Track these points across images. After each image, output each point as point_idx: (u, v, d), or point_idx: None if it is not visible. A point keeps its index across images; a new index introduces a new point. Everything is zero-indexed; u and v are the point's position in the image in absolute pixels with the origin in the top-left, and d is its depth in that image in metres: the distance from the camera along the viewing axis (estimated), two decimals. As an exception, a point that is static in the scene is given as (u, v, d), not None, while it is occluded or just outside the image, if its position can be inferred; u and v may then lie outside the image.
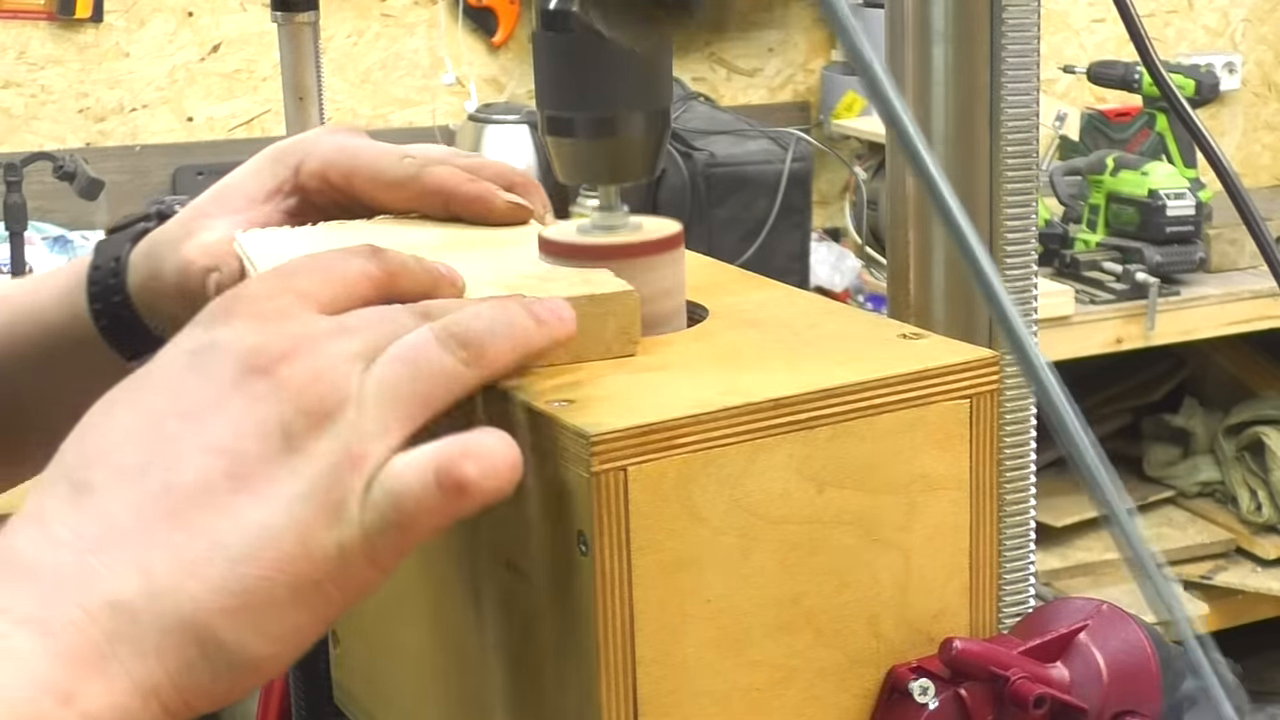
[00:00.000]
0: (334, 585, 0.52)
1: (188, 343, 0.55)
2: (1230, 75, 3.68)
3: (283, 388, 0.53)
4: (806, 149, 2.72)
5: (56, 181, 2.61)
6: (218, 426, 0.52)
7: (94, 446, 0.53)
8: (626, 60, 0.64)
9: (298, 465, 0.52)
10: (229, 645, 0.50)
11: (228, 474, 0.51)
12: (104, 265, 0.82)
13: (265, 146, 0.83)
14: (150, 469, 0.52)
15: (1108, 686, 0.61)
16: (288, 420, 0.52)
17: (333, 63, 3.05)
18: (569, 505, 0.56)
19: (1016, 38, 0.70)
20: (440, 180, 0.76)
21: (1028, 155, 0.71)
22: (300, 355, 0.53)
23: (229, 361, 0.53)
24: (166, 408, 0.53)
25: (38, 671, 0.48)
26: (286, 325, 0.54)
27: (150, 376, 0.55)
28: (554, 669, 0.59)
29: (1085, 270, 2.94)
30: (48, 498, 0.52)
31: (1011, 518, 0.70)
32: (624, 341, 0.62)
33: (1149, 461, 3.37)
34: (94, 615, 0.49)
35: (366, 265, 0.58)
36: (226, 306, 0.56)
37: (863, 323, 0.67)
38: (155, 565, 0.50)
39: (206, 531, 0.51)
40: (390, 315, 0.56)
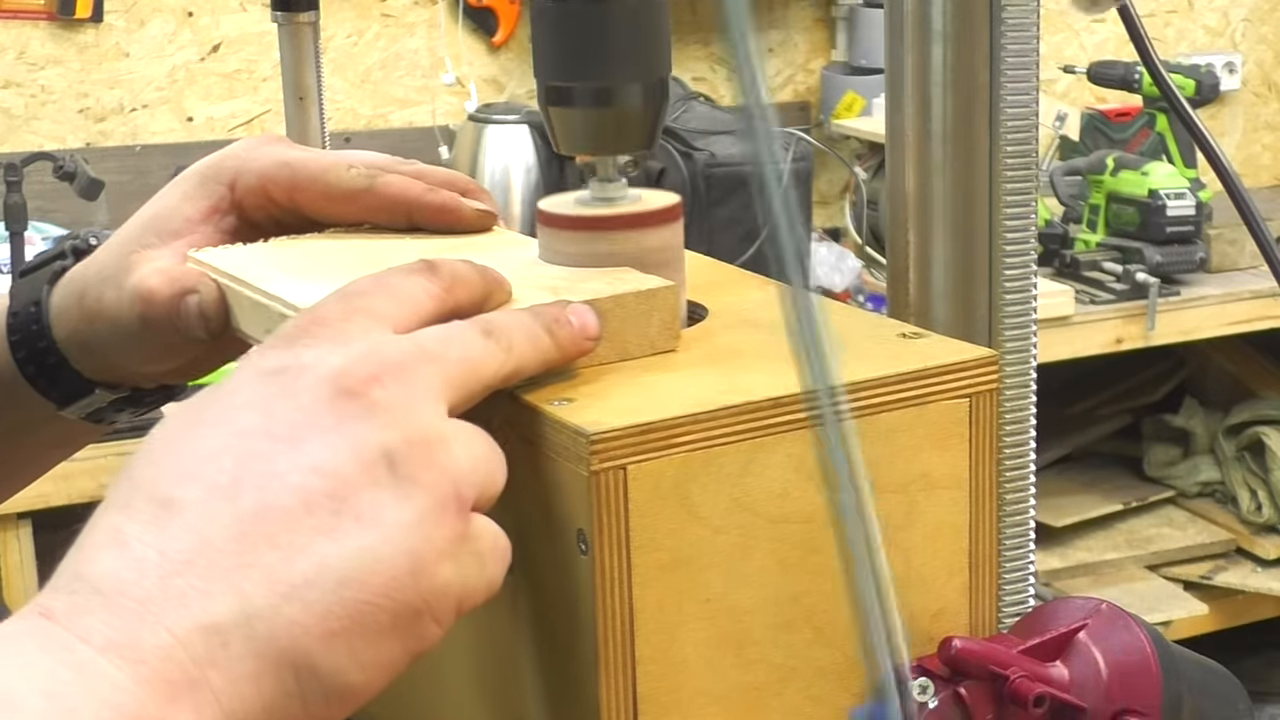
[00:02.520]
0: (433, 618, 0.51)
1: (266, 363, 0.53)
2: (1230, 75, 3.68)
3: (378, 411, 0.52)
4: (806, 149, 2.72)
5: (56, 181, 2.61)
6: (315, 447, 0.51)
7: (177, 464, 0.51)
8: (625, 30, 0.65)
9: (407, 492, 0.51)
10: (324, 672, 0.49)
11: (330, 495, 0.50)
12: (23, 311, 0.78)
13: None
14: (243, 487, 0.50)
15: (1107, 686, 0.62)
16: (390, 446, 0.51)
17: (333, 63, 3.05)
18: (568, 504, 0.56)
19: (1016, 37, 0.70)
20: (399, 191, 0.73)
21: (1027, 155, 0.71)
22: (389, 379, 0.52)
23: (318, 383, 0.52)
24: (256, 426, 0.51)
25: (123, 701, 0.46)
26: (369, 346, 0.53)
27: (232, 395, 0.53)
28: (553, 668, 0.59)
29: (1085, 270, 2.94)
30: (127, 518, 0.50)
31: (1011, 517, 0.70)
32: (667, 336, 0.62)
33: (1149, 461, 3.37)
34: (184, 640, 0.47)
35: (428, 282, 0.58)
36: (303, 328, 0.54)
37: (862, 322, 0.67)
38: (251, 587, 0.48)
39: (308, 554, 0.49)
40: (463, 339, 0.55)
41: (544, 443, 0.57)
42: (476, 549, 0.52)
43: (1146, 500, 3.31)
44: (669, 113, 0.68)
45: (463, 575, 0.52)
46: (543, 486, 0.57)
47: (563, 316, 0.59)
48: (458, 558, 0.51)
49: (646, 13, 0.65)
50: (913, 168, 0.72)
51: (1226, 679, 0.69)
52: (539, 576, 0.59)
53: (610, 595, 0.55)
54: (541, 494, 0.57)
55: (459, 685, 0.66)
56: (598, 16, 0.64)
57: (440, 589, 0.51)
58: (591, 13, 0.64)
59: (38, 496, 2.15)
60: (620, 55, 0.65)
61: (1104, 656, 0.62)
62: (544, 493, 0.57)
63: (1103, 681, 0.62)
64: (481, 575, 0.53)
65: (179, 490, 0.50)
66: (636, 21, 0.65)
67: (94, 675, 0.46)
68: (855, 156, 3.09)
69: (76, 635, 0.47)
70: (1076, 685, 0.61)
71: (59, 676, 0.46)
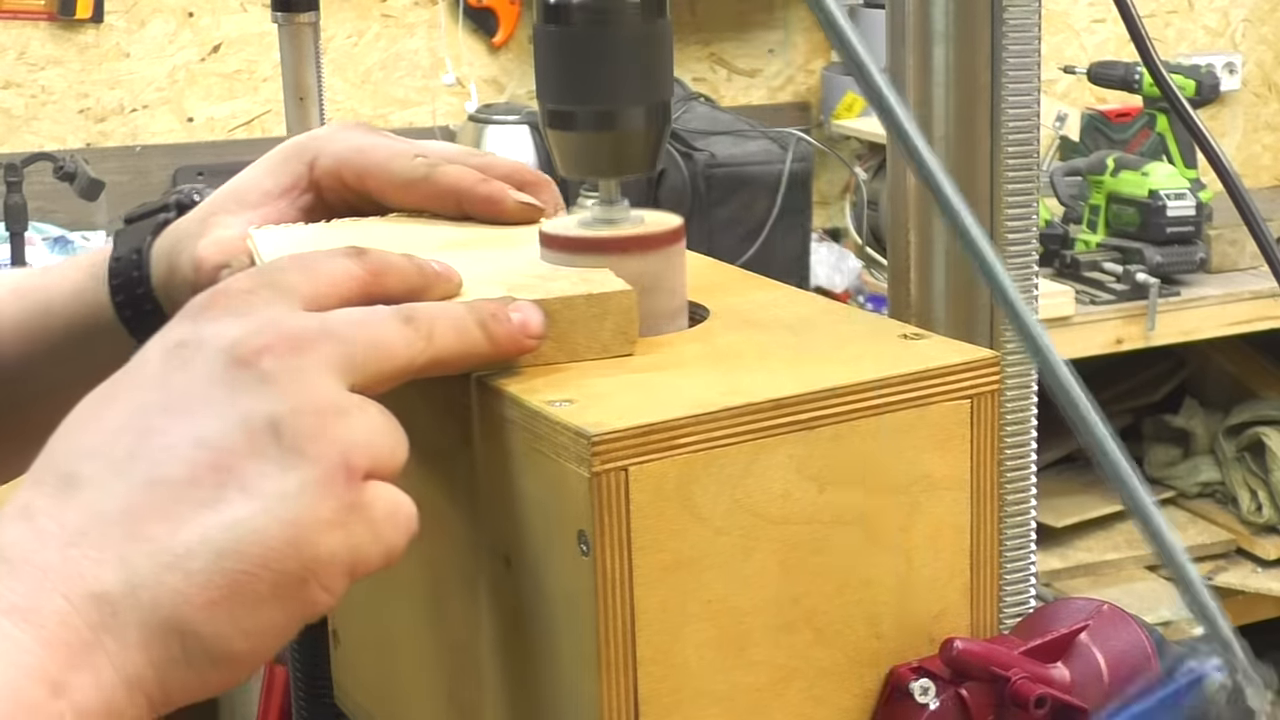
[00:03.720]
0: (320, 586, 0.52)
1: (171, 337, 0.55)
2: (1230, 75, 3.68)
3: (268, 382, 0.53)
4: (807, 149, 2.72)
5: (57, 182, 2.61)
6: (204, 420, 0.52)
7: (81, 441, 0.53)
8: (627, 53, 0.64)
9: (291, 463, 0.52)
10: (207, 639, 0.50)
11: (214, 467, 0.51)
12: (125, 257, 0.82)
13: (266, 147, 0.82)
14: (136, 462, 0.52)
15: (1108, 687, 0.61)
16: (278, 416, 0.52)
17: (333, 63, 3.05)
18: (569, 505, 0.56)
19: (1017, 38, 0.70)
20: (452, 180, 0.76)
21: (1028, 156, 0.71)
22: (284, 350, 0.53)
23: (213, 355, 0.53)
24: (152, 401, 0.53)
25: (28, 661, 0.48)
26: (268, 318, 0.54)
27: (135, 372, 0.55)
28: (554, 669, 0.59)
29: (1086, 271, 2.94)
30: (35, 493, 0.52)
31: (1012, 518, 0.70)
32: (621, 341, 0.62)
33: (1149, 462, 3.37)
34: (78, 606, 0.49)
35: (350, 264, 0.59)
36: (208, 301, 0.56)
37: (863, 323, 0.67)
38: (136, 558, 0.50)
39: (191, 525, 0.51)
40: (375, 323, 0.56)
41: (545, 444, 0.57)
42: (369, 516, 0.53)
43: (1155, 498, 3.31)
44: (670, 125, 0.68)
45: (352, 543, 0.52)
46: (544, 488, 0.57)
47: (501, 312, 0.59)
48: (346, 526, 0.52)
49: (648, 36, 0.65)
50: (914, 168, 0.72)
51: (1227, 680, 0.69)
52: (540, 578, 0.58)
53: (611, 596, 0.55)
54: (543, 495, 0.57)
55: (459, 686, 0.66)
56: (599, 40, 0.64)
57: (325, 558, 0.52)
58: (593, 37, 0.64)
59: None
60: (622, 79, 0.65)
61: (1105, 657, 0.62)
62: (545, 494, 0.57)
63: (1104, 682, 0.62)
64: (376, 543, 0.53)
65: (81, 466, 0.52)
66: (638, 45, 0.65)
67: (2, 637, 0.48)
68: (855, 157, 3.09)
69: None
70: (1078, 686, 0.61)
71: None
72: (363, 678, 0.76)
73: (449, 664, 0.67)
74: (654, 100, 0.66)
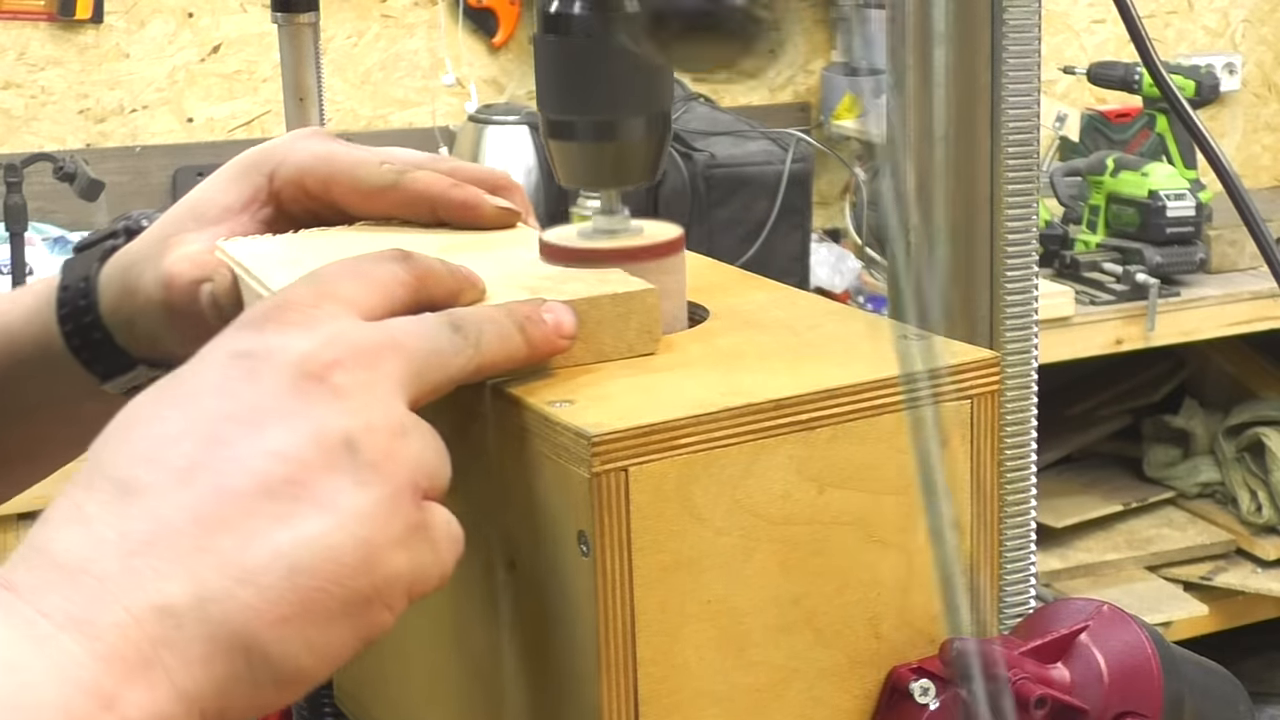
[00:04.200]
0: (384, 605, 0.51)
1: (233, 346, 0.54)
2: (1230, 76, 3.68)
3: (341, 396, 0.52)
4: (807, 150, 2.72)
5: (56, 182, 2.61)
6: (275, 432, 0.51)
7: (140, 446, 0.51)
8: (627, 64, 0.64)
9: (366, 479, 0.51)
10: (275, 657, 0.49)
11: (287, 480, 0.50)
12: (73, 285, 0.80)
13: None
14: (201, 471, 0.50)
15: (1108, 687, 0.62)
16: (352, 433, 0.51)
17: (333, 63, 3.05)
18: (570, 506, 0.56)
19: (1017, 39, 0.70)
20: (425, 186, 0.75)
21: (1028, 156, 0.71)
22: (354, 364, 0.52)
23: (281, 367, 0.52)
24: (219, 410, 0.51)
25: (81, 675, 0.46)
26: (335, 331, 0.53)
27: (196, 378, 0.53)
28: (554, 669, 0.59)
29: (1085, 271, 2.94)
30: (89, 497, 0.50)
31: (1012, 518, 0.70)
32: (646, 340, 0.62)
33: (1149, 462, 3.37)
34: (139, 619, 0.48)
35: (400, 270, 0.58)
36: (271, 312, 0.54)
37: (863, 323, 0.67)
38: (205, 570, 0.48)
39: (263, 538, 0.49)
40: (430, 333, 0.56)
41: (545, 444, 0.57)
42: (431, 537, 0.52)
43: (1146, 501, 3.31)
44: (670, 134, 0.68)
45: (415, 563, 0.52)
46: (544, 488, 0.57)
47: (536, 315, 0.59)
48: (411, 546, 0.52)
49: None
50: (913, 168, 0.72)
51: (1227, 680, 0.69)
52: (540, 578, 0.59)
53: (612, 597, 0.55)
54: (543, 496, 0.58)
55: (460, 687, 0.66)
56: (599, 50, 0.64)
57: (392, 577, 0.51)
58: (593, 47, 0.64)
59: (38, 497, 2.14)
60: (622, 89, 0.65)
61: (1105, 658, 0.62)
62: (545, 494, 0.57)
63: (1104, 683, 0.62)
64: (435, 563, 0.53)
65: (140, 472, 0.50)
66: (638, 55, 0.64)
67: (54, 649, 0.46)
68: (855, 157, 3.10)
69: (38, 610, 0.47)
70: (1078, 687, 0.61)
71: (20, 650, 0.46)
72: (363, 678, 0.76)
73: (449, 663, 0.67)
74: (654, 110, 0.66)
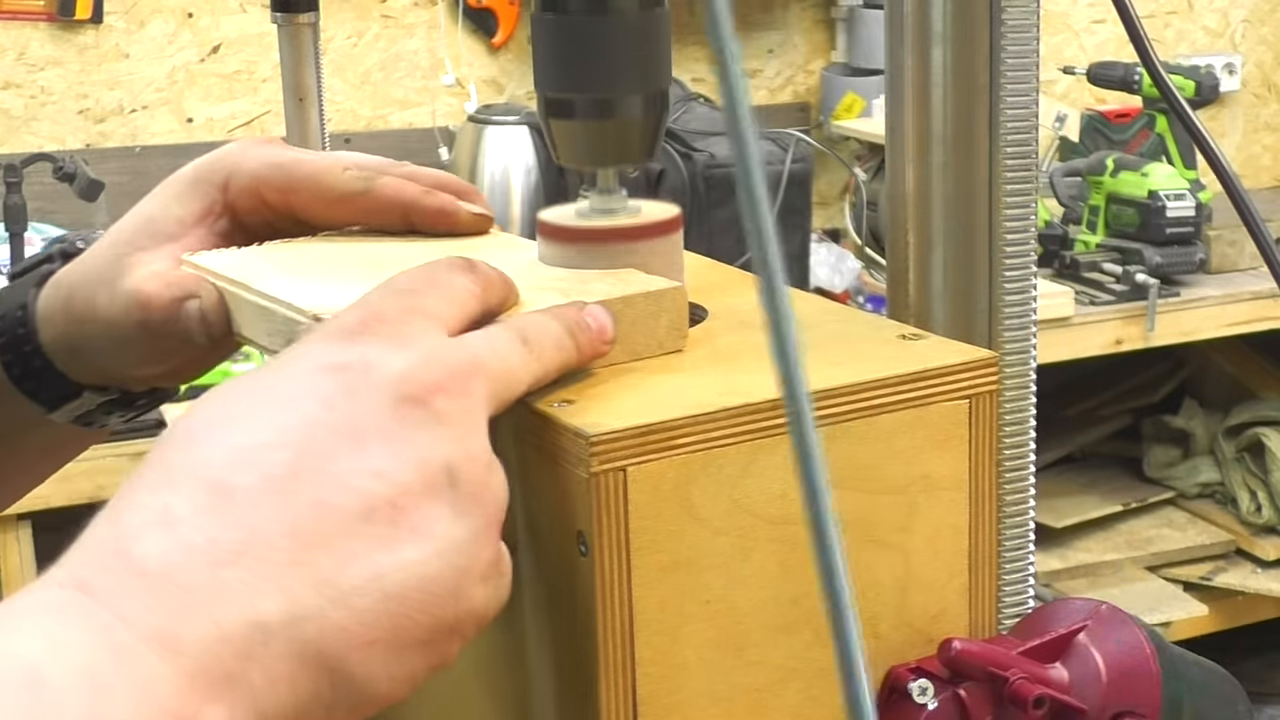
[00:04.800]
0: (460, 636, 0.51)
1: (326, 357, 0.52)
2: (1230, 76, 3.68)
3: (443, 423, 0.51)
4: (806, 150, 2.72)
5: (56, 182, 2.61)
6: (378, 452, 0.49)
7: (231, 447, 0.49)
8: (625, 42, 0.64)
9: (463, 509, 0.50)
10: (358, 680, 0.48)
11: (389, 503, 0.49)
12: (9, 314, 0.76)
13: None
14: (301, 482, 0.48)
15: (1107, 687, 0.62)
16: (454, 462, 0.50)
17: (333, 64, 3.05)
18: (568, 506, 0.56)
19: (1016, 39, 0.70)
20: (395, 193, 0.72)
21: (1027, 156, 0.71)
22: (454, 389, 0.52)
23: (381, 385, 0.51)
24: (317, 420, 0.50)
25: (162, 692, 0.44)
26: (430, 350, 0.52)
27: (289, 383, 0.51)
28: (553, 669, 0.59)
29: (1085, 271, 2.94)
30: (174, 496, 0.48)
31: (1011, 518, 0.70)
32: (675, 336, 0.62)
33: (1149, 462, 3.37)
34: (229, 634, 0.46)
35: (469, 282, 0.57)
36: (362, 324, 0.53)
37: (862, 323, 0.67)
38: (299, 587, 0.47)
39: (361, 560, 0.48)
40: (505, 349, 0.55)
41: (544, 445, 0.57)
42: (503, 569, 0.52)
43: (1146, 501, 3.31)
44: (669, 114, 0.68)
45: (492, 596, 0.52)
46: (543, 488, 0.57)
47: (582, 320, 0.59)
48: (491, 580, 0.51)
49: (646, 24, 0.65)
50: (912, 169, 0.72)
51: (1226, 680, 0.69)
52: (539, 578, 0.59)
53: (610, 597, 0.55)
54: (542, 496, 0.58)
55: (460, 686, 0.66)
56: (597, 28, 0.64)
57: (473, 610, 0.51)
58: (591, 24, 0.64)
59: (37, 498, 2.14)
60: (620, 67, 0.65)
61: (1104, 658, 0.62)
62: (544, 494, 0.57)
63: (1102, 683, 0.62)
64: (501, 596, 0.53)
65: (234, 475, 0.48)
66: (636, 33, 0.65)
67: (133, 661, 0.45)
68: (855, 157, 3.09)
69: (117, 616, 0.45)
70: (1076, 686, 0.61)
71: (98, 657, 0.44)
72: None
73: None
74: (652, 89, 0.66)
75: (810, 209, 2.77)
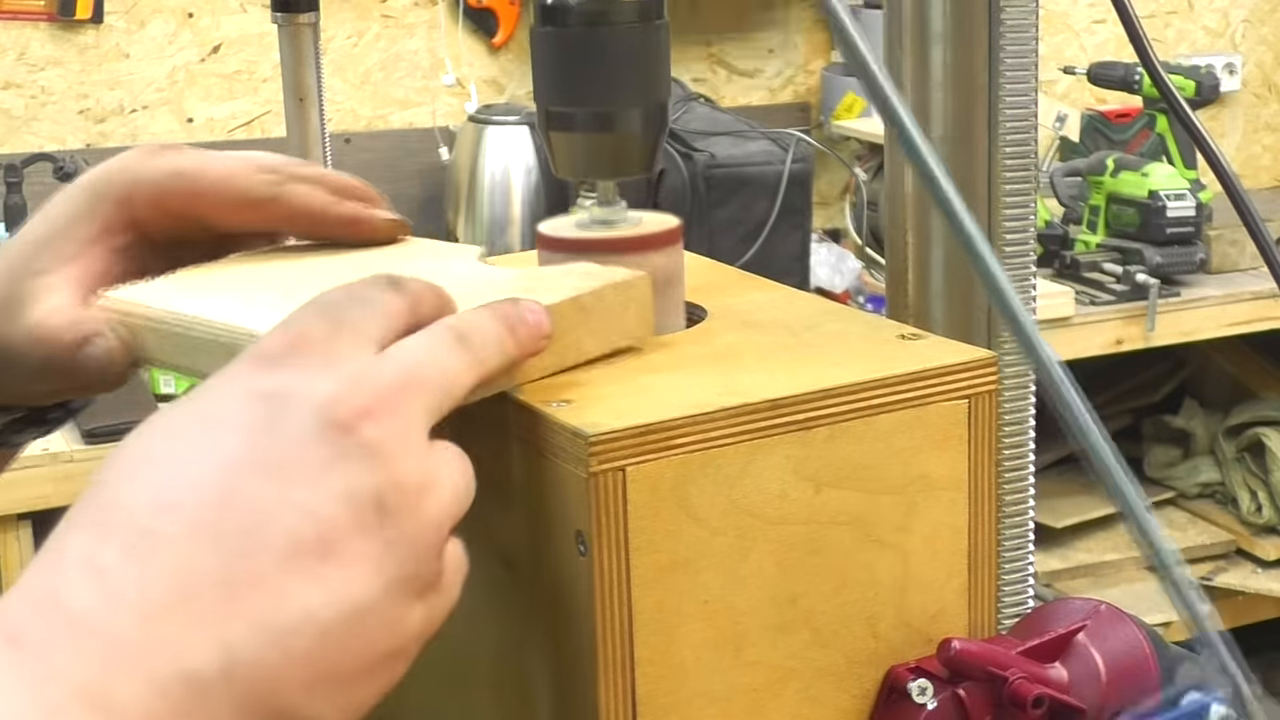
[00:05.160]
0: (404, 659, 0.51)
1: (251, 384, 0.51)
2: (1230, 76, 3.68)
3: (371, 452, 0.50)
4: (807, 150, 2.72)
5: (57, 182, 2.61)
6: (305, 487, 0.49)
7: (157, 489, 0.49)
8: (624, 55, 0.65)
9: (392, 540, 0.50)
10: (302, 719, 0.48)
11: (318, 539, 0.48)
12: None
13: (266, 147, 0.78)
14: (229, 525, 0.48)
15: (1106, 687, 0.62)
16: (382, 491, 0.50)
17: (333, 64, 3.05)
18: (567, 505, 0.56)
19: (1015, 39, 0.70)
20: (305, 200, 0.69)
21: (1026, 156, 0.71)
22: (382, 413, 0.50)
23: (307, 412, 0.50)
24: (243, 457, 0.49)
25: None
26: (357, 371, 0.51)
27: (213, 417, 0.51)
28: (552, 669, 0.59)
29: (1085, 271, 2.94)
30: (101, 545, 0.47)
31: (1010, 518, 0.70)
32: (643, 325, 0.63)
33: (1149, 463, 3.37)
34: (164, 690, 0.45)
35: (398, 298, 0.56)
36: (288, 347, 0.52)
37: (861, 323, 0.67)
38: (234, 635, 0.47)
39: (294, 600, 0.47)
40: (443, 353, 0.54)
41: (543, 444, 0.57)
42: (446, 584, 0.52)
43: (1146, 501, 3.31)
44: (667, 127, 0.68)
45: (433, 613, 0.51)
46: (542, 488, 0.57)
47: (521, 314, 0.57)
48: (429, 599, 0.51)
49: (645, 37, 0.65)
50: (912, 169, 0.72)
51: (1226, 680, 0.69)
52: (538, 578, 0.59)
53: (609, 597, 0.55)
54: (540, 495, 0.58)
55: (458, 686, 0.66)
56: (596, 42, 0.64)
57: (413, 632, 0.51)
58: (590, 38, 0.64)
59: (38, 497, 2.15)
60: (619, 80, 0.65)
61: (1103, 657, 0.62)
62: (543, 494, 0.57)
63: (1102, 682, 0.62)
64: (446, 604, 0.52)
65: (160, 521, 0.48)
66: (635, 46, 0.65)
67: None
68: (855, 157, 3.09)
69: (48, 670, 0.45)
70: (1075, 686, 0.61)
71: (31, 716, 0.44)
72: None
73: (446, 663, 0.67)
74: (651, 102, 0.66)
75: (810, 209, 2.77)
